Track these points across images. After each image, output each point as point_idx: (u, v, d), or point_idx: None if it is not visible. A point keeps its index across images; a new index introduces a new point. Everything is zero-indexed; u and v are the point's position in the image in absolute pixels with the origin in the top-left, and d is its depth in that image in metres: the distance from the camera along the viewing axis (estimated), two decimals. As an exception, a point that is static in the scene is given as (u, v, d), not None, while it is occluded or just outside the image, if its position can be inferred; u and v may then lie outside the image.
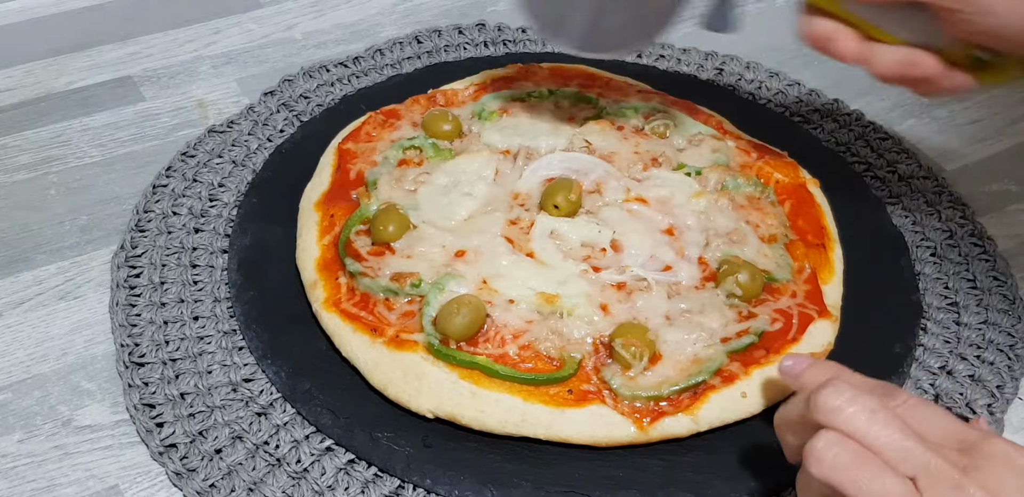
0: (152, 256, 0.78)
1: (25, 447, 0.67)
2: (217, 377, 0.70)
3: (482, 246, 0.72)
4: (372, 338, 0.68)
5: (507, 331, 0.67)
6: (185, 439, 0.66)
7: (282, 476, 0.65)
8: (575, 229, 0.73)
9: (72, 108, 0.92)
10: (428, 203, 0.76)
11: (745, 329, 0.69)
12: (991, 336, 0.75)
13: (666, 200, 0.77)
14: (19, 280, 0.77)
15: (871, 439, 0.52)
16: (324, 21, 1.05)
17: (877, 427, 0.52)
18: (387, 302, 0.70)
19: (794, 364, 0.62)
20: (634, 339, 0.66)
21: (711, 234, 0.75)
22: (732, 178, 0.79)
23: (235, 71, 0.98)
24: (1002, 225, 0.86)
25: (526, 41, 1.02)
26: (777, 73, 0.99)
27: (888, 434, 0.52)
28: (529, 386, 0.65)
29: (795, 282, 0.73)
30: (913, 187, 0.88)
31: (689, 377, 0.66)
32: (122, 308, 0.74)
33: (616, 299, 0.70)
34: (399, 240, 0.73)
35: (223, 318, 0.74)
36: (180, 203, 0.82)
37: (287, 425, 0.67)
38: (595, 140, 0.81)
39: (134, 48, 1.00)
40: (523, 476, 0.64)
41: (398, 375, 0.67)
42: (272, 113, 0.91)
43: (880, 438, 0.52)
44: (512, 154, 0.80)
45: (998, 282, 0.80)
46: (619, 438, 0.65)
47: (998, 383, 0.72)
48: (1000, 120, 0.97)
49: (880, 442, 0.52)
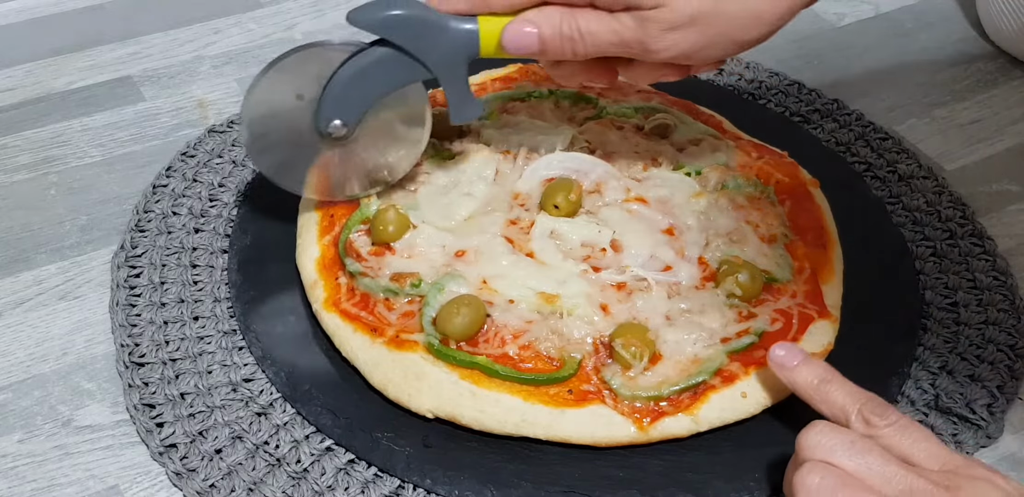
0: (152, 256, 0.78)
1: (25, 447, 0.67)
2: (217, 377, 0.70)
3: (482, 246, 0.72)
4: (372, 338, 0.68)
5: (507, 331, 0.67)
6: (185, 439, 0.66)
7: (282, 476, 0.65)
8: (575, 229, 0.73)
9: (72, 108, 0.92)
10: (428, 203, 0.76)
11: (745, 329, 0.69)
12: (991, 336, 0.75)
13: (666, 200, 0.77)
14: (19, 280, 0.77)
15: (853, 466, 0.54)
16: (324, 21, 1.05)
17: (858, 456, 0.54)
18: (387, 302, 0.70)
19: (787, 355, 0.63)
20: (634, 339, 0.66)
21: (711, 234, 0.75)
22: (732, 178, 0.79)
23: (235, 71, 0.98)
24: (1002, 225, 0.86)
25: (526, 41, 1.02)
26: (777, 73, 0.99)
27: (869, 460, 0.54)
28: (529, 386, 0.65)
29: (795, 282, 0.73)
30: (913, 187, 0.88)
31: (689, 377, 0.66)
32: (122, 308, 0.74)
33: (616, 299, 0.70)
34: (399, 240, 0.73)
35: (223, 318, 0.74)
36: (180, 203, 0.82)
37: (287, 425, 0.67)
38: (595, 140, 0.81)
39: (134, 48, 1.00)
40: (523, 476, 0.64)
41: (398, 375, 0.67)
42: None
43: (862, 465, 0.54)
44: (512, 154, 0.80)
45: (998, 282, 0.80)
46: (619, 438, 0.65)
47: (998, 383, 0.72)
48: (1000, 120, 0.97)
49: (863, 468, 0.54)
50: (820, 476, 0.54)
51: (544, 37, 0.63)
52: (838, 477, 0.53)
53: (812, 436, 0.56)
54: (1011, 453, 0.70)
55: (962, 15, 1.10)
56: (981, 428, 0.69)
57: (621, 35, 0.61)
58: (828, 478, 0.53)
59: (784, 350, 0.64)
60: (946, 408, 0.70)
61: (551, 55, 0.64)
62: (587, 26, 0.61)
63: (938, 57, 1.05)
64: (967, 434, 0.69)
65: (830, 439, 0.56)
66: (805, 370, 0.63)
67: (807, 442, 0.56)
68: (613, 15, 0.61)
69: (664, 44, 0.61)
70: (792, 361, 0.63)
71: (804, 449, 0.56)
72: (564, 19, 0.62)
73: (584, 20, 0.61)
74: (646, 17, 0.59)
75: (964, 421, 0.70)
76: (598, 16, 0.61)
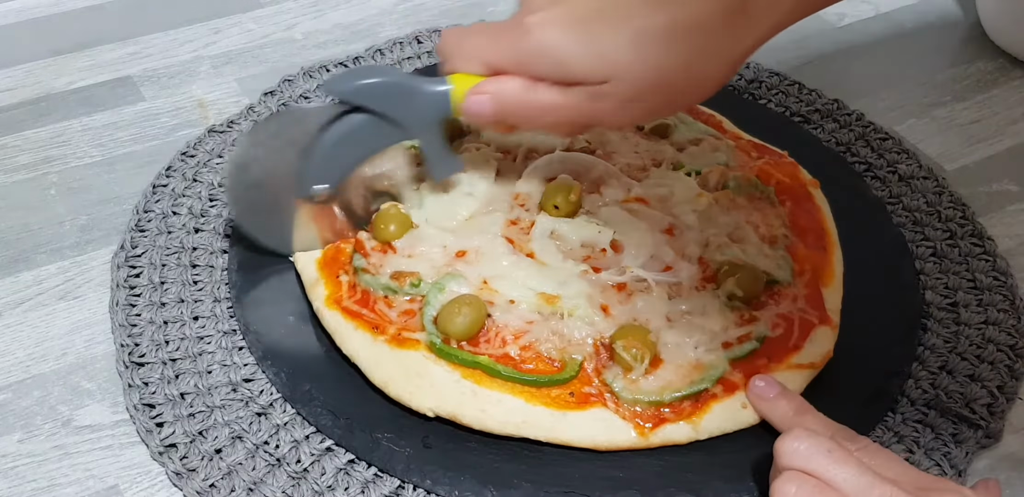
0: (152, 256, 0.78)
1: (25, 447, 0.67)
2: (217, 377, 0.70)
3: (483, 246, 0.72)
4: (374, 336, 0.68)
5: (508, 331, 0.67)
6: (185, 439, 0.66)
7: (282, 476, 0.65)
8: (575, 229, 0.73)
9: (72, 108, 0.92)
10: (430, 202, 0.76)
11: (747, 334, 0.69)
12: (991, 336, 0.75)
13: (666, 199, 0.77)
14: (19, 280, 0.77)
15: (830, 476, 0.55)
16: (324, 21, 1.05)
17: (834, 465, 0.56)
18: (387, 299, 0.70)
19: (766, 386, 0.66)
20: (635, 341, 0.66)
21: (711, 234, 0.75)
22: (732, 178, 0.79)
23: (235, 71, 0.98)
24: (1002, 225, 0.86)
25: (526, 41, 1.02)
26: (777, 73, 0.99)
27: (845, 470, 0.55)
28: (531, 387, 0.65)
29: (796, 285, 0.73)
30: (913, 187, 0.88)
31: (692, 384, 0.66)
32: (122, 308, 0.74)
33: (616, 300, 0.70)
34: (400, 239, 0.73)
35: (223, 318, 0.74)
36: (180, 203, 0.82)
37: (287, 425, 0.67)
38: (595, 140, 0.81)
39: (134, 48, 1.00)
40: (523, 476, 0.64)
41: (399, 373, 0.67)
42: (272, 113, 0.91)
43: (838, 474, 0.55)
44: (512, 154, 0.80)
45: (998, 282, 0.80)
46: (620, 443, 0.65)
47: (998, 383, 0.72)
48: (1000, 120, 0.97)
49: (839, 478, 0.55)
50: (796, 486, 0.55)
51: (500, 108, 0.63)
52: (814, 487, 0.55)
53: (789, 442, 0.57)
54: (1011, 453, 0.70)
55: (962, 15, 1.10)
56: (981, 428, 0.69)
57: (577, 109, 0.62)
58: (804, 487, 0.55)
59: (763, 382, 0.66)
60: (946, 408, 0.70)
61: (507, 123, 0.65)
62: (544, 98, 0.61)
63: (938, 57, 1.05)
64: (967, 434, 0.69)
65: (808, 446, 0.57)
66: (783, 402, 0.65)
67: (784, 449, 0.57)
68: (567, 89, 0.61)
69: (615, 116, 0.63)
70: (770, 393, 0.66)
71: (782, 456, 0.57)
72: (523, 90, 0.62)
73: (542, 93, 0.61)
74: (597, 92, 0.60)
75: (964, 421, 0.70)
76: (551, 90, 0.61)
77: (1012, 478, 0.68)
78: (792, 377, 0.68)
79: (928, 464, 0.67)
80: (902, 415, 0.70)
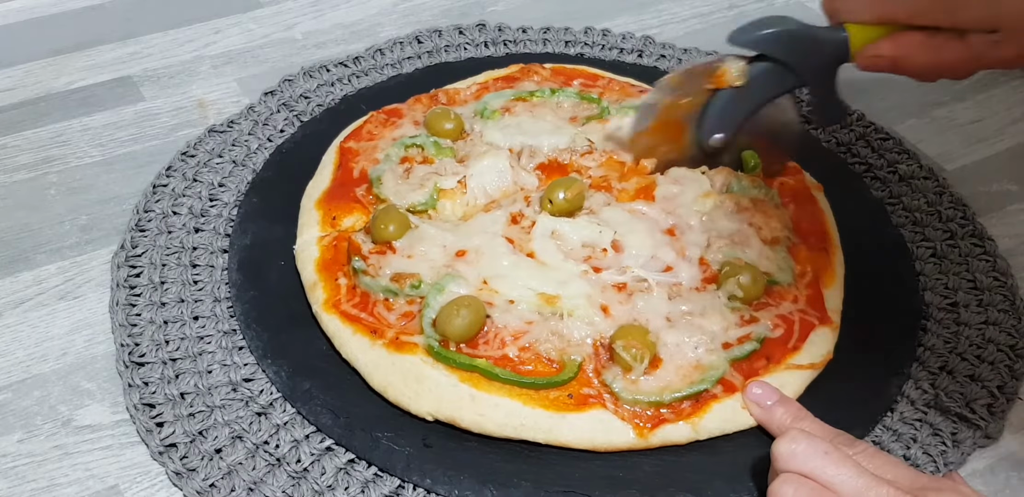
0: (152, 256, 0.78)
1: (25, 447, 0.67)
2: (217, 377, 0.70)
3: (483, 246, 0.72)
4: (372, 340, 0.68)
5: (507, 332, 0.67)
6: (185, 439, 0.66)
7: (282, 476, 0.65)
8: (576, 229, 0.73)
9: (72, 108, 0.92)
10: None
11: (747, 334, 0.69)
12: (991, 336, 0.75)
13: (672, 198, 0.77)
14: (19, 280, 0.77)
15: (827, 478, 0.56)
16: (324, 21, 1.05)
17: (831, 467, 0.56)
18: (386, 302, 0.70)
19: (763, 393, 0.66)
20: (635, 341, 0.66)
21: (713, 235, 0.75)
22: (737, 180, 0.79)
23: (235, 71, 0.98)
24: (1002, 225, 0.86)
25: (526, 41, 1.02)
26: (777, 73, 0.99)
27: (841, 472, 0.56)
28: (529, 390, 0.65)
29: (797, 286, 0.73)
30: (913, 187, 0.88)
31: (691, 385, 0.66)
32: (122, 308, 0.74)
33: (617, 300, 0.70)
34: (400, 239, 0.73)
35: (223, 318, 0.74)
36: (180, 203, 0.82)
37: (287, 425, 0.67)
38: (597, 139, 0.81)
39: (134, 48, 1.00)
40: (523, 476, 0.64)
41: (398, 377, 0.67)
42: (272, 113, 0.91)
43: (835, 476, 0.56)
44: (516, 152, 0.80)
45: (998, 282, 0.80)
46: (618, 444, 0.65)
47: (998, 383, 0.72)
48: (1000, 120, 0.97)
49: (836, 480, 0.56)
50: (794, 488, 0.56)
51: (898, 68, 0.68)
52: (812, 489, 0.55)
53: (786, 445, 0.58)
54: (1011, 453, 0.70)
55: (962, 15, 1.10)
56: (981, 428, 0.69)
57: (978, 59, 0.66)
58: (802, 489, 0.55)
59: (761, 389, 0.66)
60: (946, 408, 0.70)
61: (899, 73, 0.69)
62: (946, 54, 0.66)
63: (938, 57, 1.05)
64: (967, 434, 0.69)
65: (804, 448, 0.57)
66: (780, 409, 0.66)
67: (782, 451, 0.58)
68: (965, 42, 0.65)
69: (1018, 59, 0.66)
70: (767, 400, 0.66)
71: (779, 458, 0.58)
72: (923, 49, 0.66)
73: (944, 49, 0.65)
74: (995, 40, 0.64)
75: (964, 421, 0.70)
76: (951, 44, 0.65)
77: (1012, 478, 0.68)
78: (792, 378, 0.68)
79: (924, 461, 0.67)
80: (901, 414, 0.70)
